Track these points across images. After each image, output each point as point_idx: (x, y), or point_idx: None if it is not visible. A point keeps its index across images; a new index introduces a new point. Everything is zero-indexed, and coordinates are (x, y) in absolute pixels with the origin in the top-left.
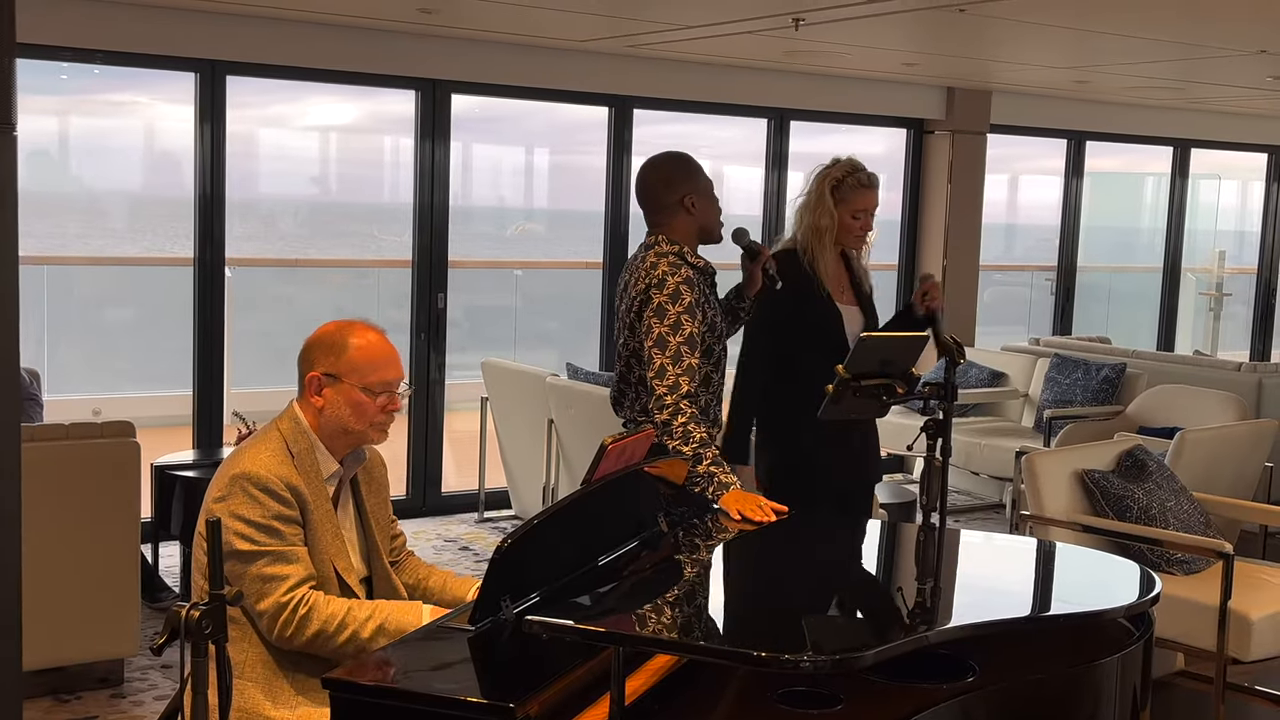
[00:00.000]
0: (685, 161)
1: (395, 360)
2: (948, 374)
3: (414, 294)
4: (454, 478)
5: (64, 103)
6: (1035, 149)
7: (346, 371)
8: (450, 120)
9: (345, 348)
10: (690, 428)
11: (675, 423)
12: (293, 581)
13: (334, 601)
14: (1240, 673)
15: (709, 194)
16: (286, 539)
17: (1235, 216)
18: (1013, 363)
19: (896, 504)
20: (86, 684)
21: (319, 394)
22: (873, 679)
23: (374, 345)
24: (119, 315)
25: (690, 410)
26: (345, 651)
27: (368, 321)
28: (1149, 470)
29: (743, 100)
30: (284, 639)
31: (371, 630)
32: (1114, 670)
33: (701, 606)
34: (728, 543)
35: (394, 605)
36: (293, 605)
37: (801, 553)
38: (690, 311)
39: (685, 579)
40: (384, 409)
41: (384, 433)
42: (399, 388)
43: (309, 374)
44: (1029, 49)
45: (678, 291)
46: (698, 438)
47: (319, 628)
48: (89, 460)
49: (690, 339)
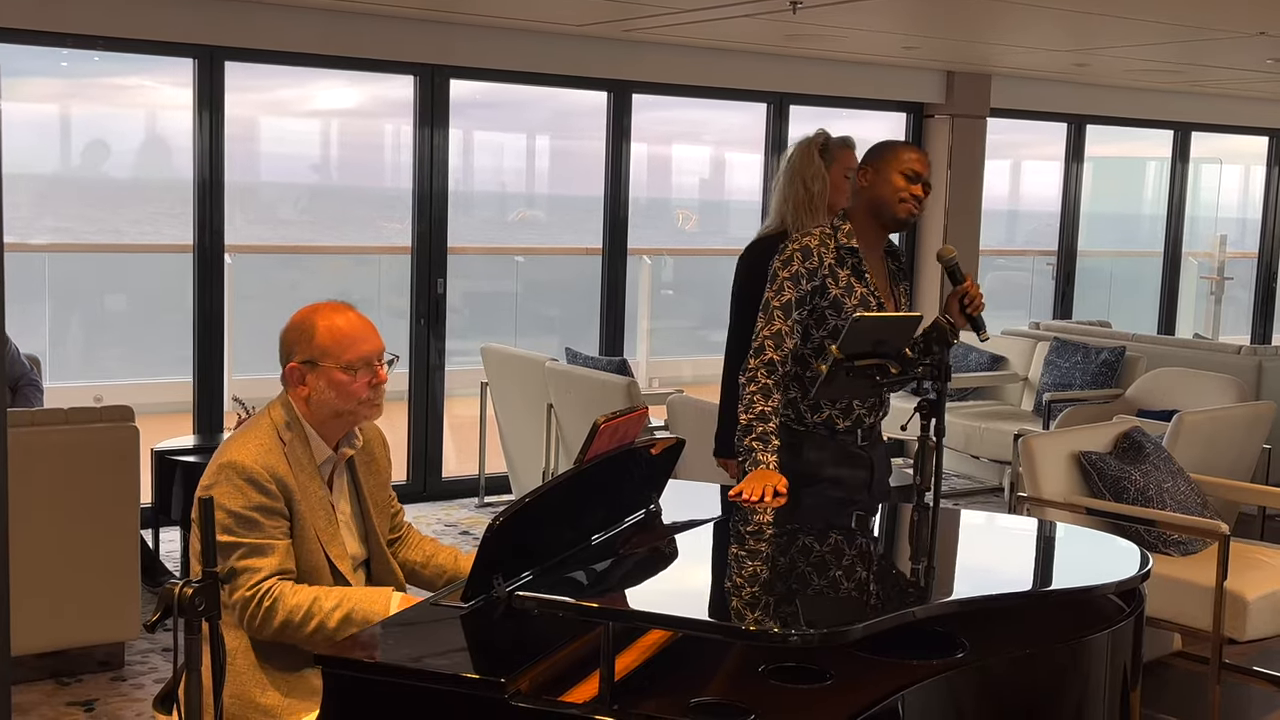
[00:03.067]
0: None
1: (369, 334)
2: (941, 354)
3: (413, 280)
4: (454, 463)
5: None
6: (1036, 134)
7: (321, 355)
8: (449, 106)
9: (315, 332)
10: (756, 398)
11: (746, 388)
12: (262, 574)
13: (300, 591)
14: (1236, 653)
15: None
16: (265, 531)
17: (1236, 201)
18: (1013, 347)
19: (896, 486)
20: (87, 667)
21: (302, 383)
22: (862, 655)
23: (343, 323)
24: (120, 302)
25: (765, 380)
26: (314, 641)
27: (336, 301)
28: (1146, 452)
29: (742, 85)
30: (253, 630)
31: (338, 620)
32: (1104, 646)
33: (692, 583)
34: (721, 521)
35: (361, 594)
36: (258, 598)
37: (795, 532)
38: (783, 280)
39: (677, 557)
40: (369, 384)
41: (376, 408)
42: (380, 359)
43: (287, 366)
44: (1028, 31)
45: (790, 257)
46: (758, 409)
47: (284, 618)
48: (89, 445)
49: (767, 304)
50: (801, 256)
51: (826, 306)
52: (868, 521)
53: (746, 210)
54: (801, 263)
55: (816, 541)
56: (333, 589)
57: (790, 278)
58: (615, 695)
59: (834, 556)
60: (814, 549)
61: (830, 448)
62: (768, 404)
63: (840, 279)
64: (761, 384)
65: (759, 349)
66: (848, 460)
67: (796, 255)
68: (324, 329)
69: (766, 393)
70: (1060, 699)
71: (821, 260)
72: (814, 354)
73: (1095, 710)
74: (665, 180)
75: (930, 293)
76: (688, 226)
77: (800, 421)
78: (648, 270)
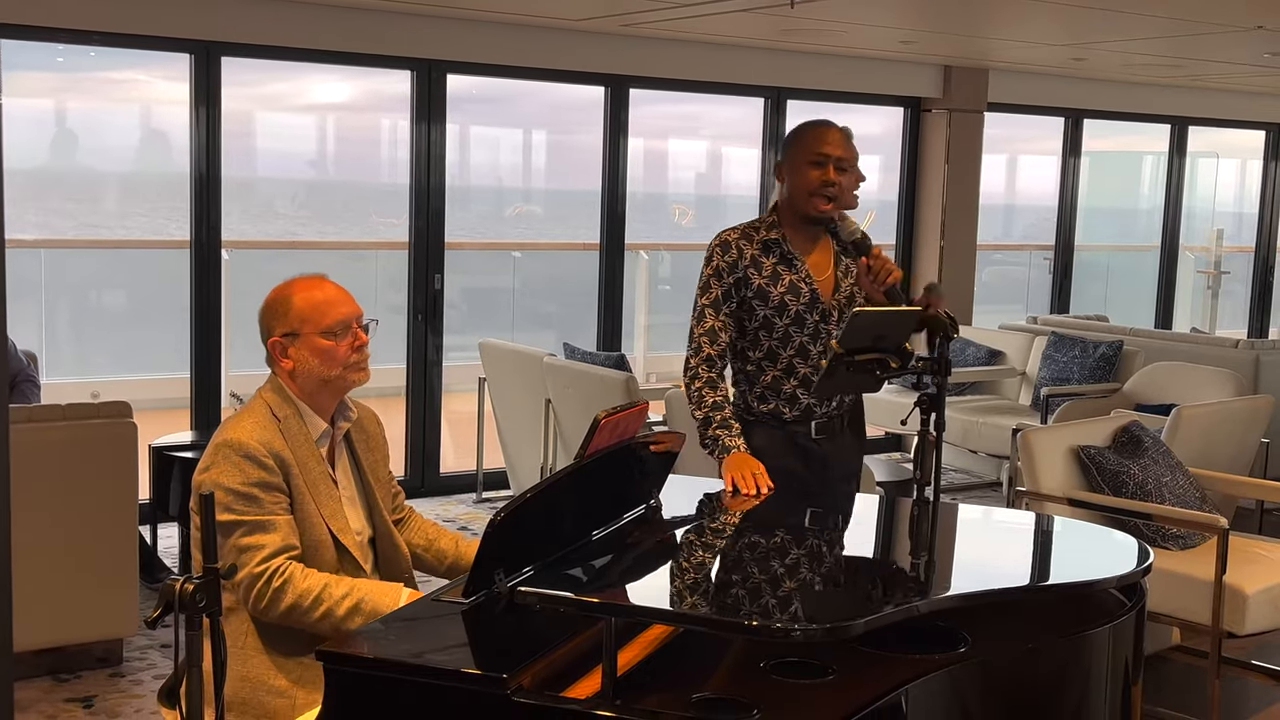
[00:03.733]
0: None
1: (345, 299)
2: (941, 348)
3: (410, 276)
4: (452, 458)
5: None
6: (1033, 129)
7: (299, 323)
8: (446, 101)
9: (291, 303)
10: (704, 392)
11: (691, 386)
12: (268, 551)
13: (311, 575)
14: (1236, 647)
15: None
16: (265, 507)
17: (1233, 195)
18: (1010, 341)
19: (895, 482)
20: (86, 664)
21: (285, 356)
22: (865, 650)
23: (318, 290)
24: (117, 298)
25: (707, 375)
26: (321, 628)
27: (309, 273)
28: (1144, 446)
29: (739, 80)
30: (258, 610)
31: (347, 609)
32: (1105, 640)
33: (694, 578)
34: (722, 516)
35: (372, 585)
36: (266, 576)
37: (795, 526)
38: (718, 274)
39: (678, 552)
40: (352, 347)
41: (363, 371)
42: (360, 322)
43: (269, 341)
44: (1025, 25)
45: (709, 254)
46: (710, 401)
47: (293, 601)
48: (86, 441)
49: (695, 303)
50: (721, 251)
51: (752, 297)
52: (870, 516)
53: (743, 205)
54: (721, 257)
55: (819, 536)
56: (344, 578)
57: (713, 274)
58: (617, 690)
59: (838, 551)
60: (817, 544)
61: (778, 438)
62: (716, 394)
63: (765, 268)
64: (705, 378)
65: (696, 348)
66: (795, 451)
67: (716, 251)
68: (300, 300)
69: (713, 384)
70: (1062, 693)
71: (742, 252)
72: (750, 346)
73: (1097, 704)
74: (662, 175)
75: None
76: (684, 221)
77: (749, 412)
78: (645, 265)
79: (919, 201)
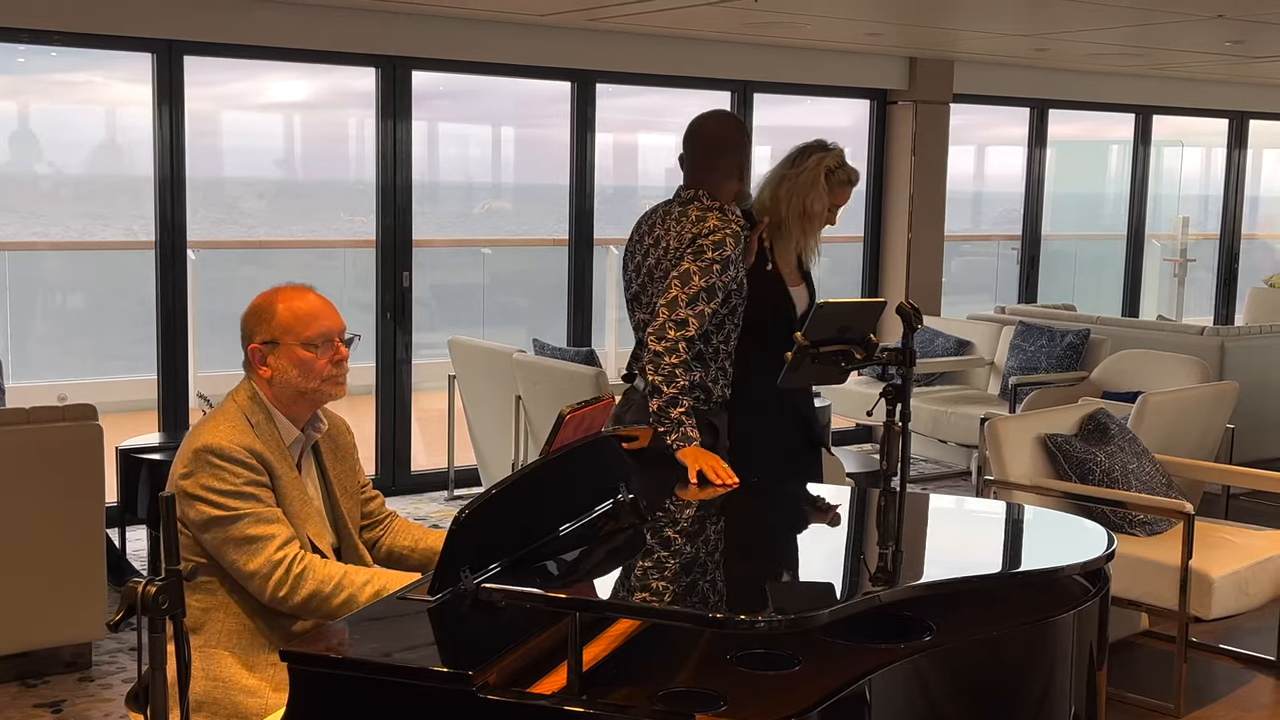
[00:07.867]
0: (745, 130)
1: (329, 311)
2: (906, 339)
3: (379, 273)
4: (423, 456)
5: (21, 85)
6: (999, 118)
7: (282, 333)
8: (411, 98)
9: (275, 311)
10: (678, 371)
11: (666, 360)
12: (281, 539)
13: (330, 563)
14: (1203, 631)
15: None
16: (263, 502)
17: (1198, 182)
18: (978, 331)
19: (864, 473)
20: (53, 668)
21: (264, 364)
22: (831, 640)
23: (303, 301)
24: (82, 300)
25: (686, 354)
26: (339, 614)
27: (296, 283)
28: (1111, 433)
29: (705, 73)
30: (277, 599)
31: (369, 595)
32: (1069, 626)
33: (660, 572)
34: (688, 509)
35: (391, 574)
36: (286, 563)
37: (762, 518)
38: (725, 264)
39: (645, 546)
40: (332, 361)
41: (340, 385)
42: (342, 337)
43: (249, 348)
44: (989, 16)
45: (723, 241)
46: (681, 383)
47: (315, 588)
48: (51, 444)
49: (712, 288)
50: (734, 242)
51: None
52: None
53: None
54: (734, 248)
55: (786, 528)
56: (360, 566)
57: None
58: (584, 685)
59: (803, 543)
60: (783, 536)
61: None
62: (688, 378)
63: None
64: (683, 358)
65: (682, 322)
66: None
67: (729, 240)
68: (284, 309)
69: (687, 367)
70: (1027, 680)
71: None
72: (714, 329)
73: (1062, 690)
74: (631, 168)
75: (896, 281)
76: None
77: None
78: (614, 261)
79: (886, 193)
